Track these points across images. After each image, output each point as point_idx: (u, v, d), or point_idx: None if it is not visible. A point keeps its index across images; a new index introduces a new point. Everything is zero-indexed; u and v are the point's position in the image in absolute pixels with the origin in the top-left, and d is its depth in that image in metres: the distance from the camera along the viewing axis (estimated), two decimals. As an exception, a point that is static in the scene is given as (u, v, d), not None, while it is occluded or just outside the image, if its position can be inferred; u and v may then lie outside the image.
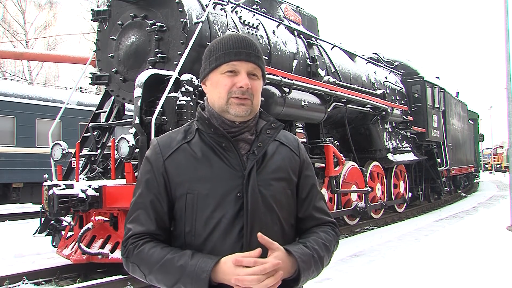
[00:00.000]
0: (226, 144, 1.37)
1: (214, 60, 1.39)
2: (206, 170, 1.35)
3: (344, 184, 8.74)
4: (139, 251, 1.32)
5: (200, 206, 1.33)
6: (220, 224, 1.32)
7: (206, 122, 1.40)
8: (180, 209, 1.36)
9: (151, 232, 1.36)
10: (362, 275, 5.14)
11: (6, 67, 29.95)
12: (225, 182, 1.34)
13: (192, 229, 1.34)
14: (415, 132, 12.48)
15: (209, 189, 1.33)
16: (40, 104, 12.99)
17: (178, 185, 1.36)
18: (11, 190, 12.45)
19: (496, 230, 7.74)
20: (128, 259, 1.35)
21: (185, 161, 1.37)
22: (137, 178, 1.47)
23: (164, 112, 5.47)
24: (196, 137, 1.41)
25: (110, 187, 5.47)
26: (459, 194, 17.91)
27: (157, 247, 1.32)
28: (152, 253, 1.30)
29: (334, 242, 1.48)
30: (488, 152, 50.43)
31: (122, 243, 1.38)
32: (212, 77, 1.41)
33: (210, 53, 1.42)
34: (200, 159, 1.37)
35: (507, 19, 8.50)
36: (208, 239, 1.32)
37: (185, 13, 6.09)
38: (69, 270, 6.03)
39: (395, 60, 13.58)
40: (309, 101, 7.66)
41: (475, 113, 24.04)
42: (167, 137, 1.45)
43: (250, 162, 1.37)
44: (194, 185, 1.34)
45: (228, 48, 1.38)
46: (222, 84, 1.37)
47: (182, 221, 1.36)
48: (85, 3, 27.68)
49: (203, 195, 1.33)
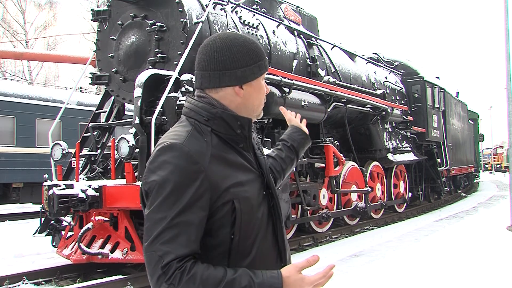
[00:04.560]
0: (244, 144, 1.41)
1: (262, 66, 1.44)
2: (241, 173, 1.36)
3: (344, 184, 8.74)
4: (190, 277, 1.18)
5: (244, 210, 1.32)
6: (262, 224, 1.37)
7: (238, 124, 1.39)
8: (221, 217, 1.29)
9: (195, 253, 1.24)
10: (362, 275, 5.13)
11: (6, 67, 29.95)
12: (255, 183, 1.39)
13: (239, 234, 1.31)
14: (415, 132, 12.48)
15: (248, 191, 1.35)
16: (40, 104, 12.99)
17: (223, 193, 1.29)
18: (11, 190, 12.44)
19: (496, 230, 7.74)
20: (175, 286, 1.17)
21: (222, 168, 1.32)
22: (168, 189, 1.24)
23: (164, 112, 5.47)
24: (214, 139, 1.35)
25: (110, 187, 5.47)
26: (459, 194, 17.91)
27: (209, 268, 1.21)
28: (208, 277, 1.19)
29: None
30: (488, 152, 50.40)
31: (161, 268, 1.19)
32: (256, 83, 1.43)
33: (252, 57, 1.40)
34: (233, 163, 1.35)
35: (507, 19, 8.50)
36: (255, 241, 1.34)
37: (185, 13, 6.09)
38: (69, 270, 6.04)
39: (395, 60, 13.58)
40: (309, 101, 7.66)
41: (475, 113, 24.03)
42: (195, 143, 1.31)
43: (262, 160, 1.47)
44: (237, 190, 1.32)
45: (264, 56, 1.46)
46: (263, 90, 1.46)
47: (224, 229, 1.30)
48: (85, 3, 27.74)
49: (245, 198, 1.33)
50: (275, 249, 1.40)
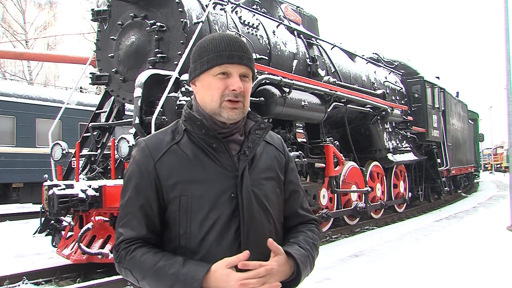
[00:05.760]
0: (217, 145, 1.37)
1: (206, 62, 1.37)
2: (199, 171, 1.35)
3: (344, 184, 8.74)
4: (131, 257, 1.31)
5: (195, 208, 1.32)
6: (215, 225, 1.32)
7: (198, 123, 1.38)
8: (173, 211, 1.34)
9: (143, 237, 1.34)
10: (362, 275, 5.13)
11: (6, 67, 29.96)
12: (218, 183, 1.34)
13: (187, 231, 1.33)
14: (415, 132, 12.48)
15: (203, 190, 1.33)
16: (40, 104, 12.99)
17: (171, 188, 1.34)
18: (11, 190, 12.45)
19: (496, 230, 7.74)
20: (120, 264, 1.34)
21: (176, 163, 1.35)
22: (125, 178, 1.41)
23: (164, 112, 5.47)
24: (184, 138, 1.39)
25: (110, 187, 5.47)
26: (459, 194, 17.90)
27: (149, 253, 1.31)
28: (145, 260, 1.29)
29: (319, 240, 1.53)
30: (488, 152, 50.39)
31: (114, 248, 1.37)
32: (204, 78, 1.39)
33: (200, 53, 1.40)
34: (191, 161, 1.36)
35: (507, 19, 8.50)
36: (203, 240, 1.32)
37: (185, 13, 6.09)
38: (69, 270, 6.04)
39: (395, 60, 13.58)
40: (309, 101, 7.66)
41: (475, 113, 24.03)
42: (155, 139, 1.41)
43: (242, 163, 1.38)
44: (188, 187, 1.33)
45: (220, 50, 1.36)
46: (215, 86, 1.36)
47: (176, 224, 1.34)
48: (85, 3, 27.76)
49: (197, 196, 1.33)
50: (237, 253, 1.26)
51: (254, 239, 1.32)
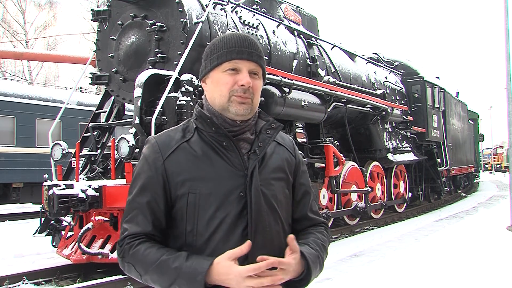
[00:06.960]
0: (227, 143, 1.37)
1: (215, 58, 1.38)
2: (208, 169, 1.34)
3: (344, 184, 8.74)
4: (134, 251, 1.31)
5: (202, 206, 1.32)
6: (223, 224, 1.31)
7: (208, 121, 1.38)
8: (181, 208, 1.34)
9: (148, 233, 1.34)
10: (362, 275, 5.13)
11: (6, 67, 29.94)
12: (227, 182, 1.33)
13: (193, 229, 1.32)
14: (415, 132, 12.48)
15: (212, 188, 1.32)
16: (40, 104, 12.99)
17: (180, 185, 1.34)
18: (11, 190, 12.44)
19: (496, 230, 7.74)
20: (123, 258, 1.34)
21: (185, 161, 1.36)
22: (134, 175, 1.43)
23: (164, 112, 5.47)
24: (195, 136, 1.40)
25: (110, 187, 5.47)
26: (459, 194, 17.91)
27: (153, 247, 1.31)
28: (148, 254, 1.29)
29: (328, 242, 1.54)
30: (488, 152, 50.40)
31: (118, 243, 1.37)
32: (213, 75, 1.40)
33: (211, 51, 1.41)
34: (201, 158, 1.36)
35: (507, 19, 8.50)
36: (210, 239, 1.31)
37: (185, 13, 6.09)
38: (69, 270, 6.03)
39: (395, 60, 13.58)
40: (309, 101, 7.66)
41: (475, 113, 24.03)
42: (166, 136, 1.42)
43: (252, 162, 1.37)
44: (196, 184, 1.33)
45: (230, 46, 1.37)
46: (224, 82, 1.37)
47: (183, 221, 1.34)
48: (85, 3, 27.76)
49: (205, 194, 1.32)
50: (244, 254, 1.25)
51: (261, 239, 1.31)
